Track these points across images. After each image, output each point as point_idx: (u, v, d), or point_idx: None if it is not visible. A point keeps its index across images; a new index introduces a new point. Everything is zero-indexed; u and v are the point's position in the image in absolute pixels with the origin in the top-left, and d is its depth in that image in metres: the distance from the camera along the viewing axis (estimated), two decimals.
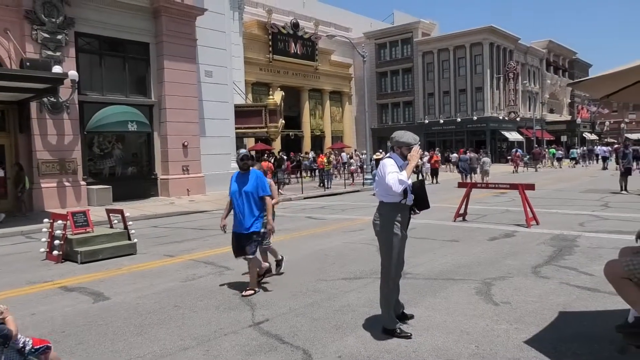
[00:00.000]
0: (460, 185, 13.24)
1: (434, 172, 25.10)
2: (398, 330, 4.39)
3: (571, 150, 44.99)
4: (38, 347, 3.49)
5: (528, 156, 36.26)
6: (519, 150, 37.97)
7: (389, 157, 4.51)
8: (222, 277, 6.84)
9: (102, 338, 4.64)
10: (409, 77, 52.40)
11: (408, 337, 4.32)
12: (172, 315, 5.25)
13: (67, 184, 16.29)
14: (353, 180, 24.99)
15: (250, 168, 6.02)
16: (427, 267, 6.87)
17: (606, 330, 4.19)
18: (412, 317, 4.75)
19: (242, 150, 6.11)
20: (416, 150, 4.43)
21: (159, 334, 4.67)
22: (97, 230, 8.94)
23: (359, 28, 51.50)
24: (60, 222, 8.60)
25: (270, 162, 20.95)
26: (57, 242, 8.40)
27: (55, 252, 8.35)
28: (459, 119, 48.49)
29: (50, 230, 8.64)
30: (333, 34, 33.22)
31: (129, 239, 8.94)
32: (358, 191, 21.69)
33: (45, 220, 8.97)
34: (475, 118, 47.73)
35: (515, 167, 33.91)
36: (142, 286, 6.52)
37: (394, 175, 4.21)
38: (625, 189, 16.59)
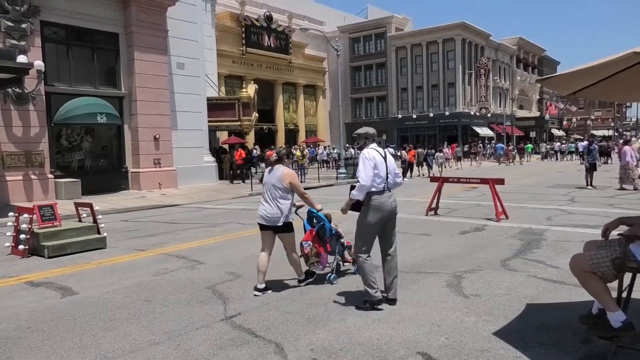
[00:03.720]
0: (433, 179, 13.40)
1: (410, 167, 25.18)
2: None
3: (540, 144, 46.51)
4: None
5: (515, 151, 38.51)
6: (499, 145, 39.42)
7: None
8: (194, 271, 6.78)
9: (69, 333, 4.54)
10: (383, 72, 52.74)
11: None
12: (142, 310, 5.17)
13: (33, 177, 15.85)
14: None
15: None
16: (399, 260, 6.87)
17: (571, 321, 4.31)
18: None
19: None
20: None
21: (129, 329, 4.61)
22: (65, 224, 8.74)
23: (333, 22, 51.53)
24: (26, 215, 8.36)
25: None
26: (22, 236, 8.17)
27: (21, 247, 8.13)
28: (431, 114, 49.07)
29: (15, 224, 8.39)
30: (307, 27, 33.10)
31: (99, 232, 8.77)
32: (332, 185, 21.75)
33: (10, 214, 8.70)
34: (447, 113, 48.38)
35: (507, 161, 35.96)
36: (112, 280, 6.41)
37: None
38: (591, 184, 17.07)
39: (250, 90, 25.87)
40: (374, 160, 4.86)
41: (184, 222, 11.85)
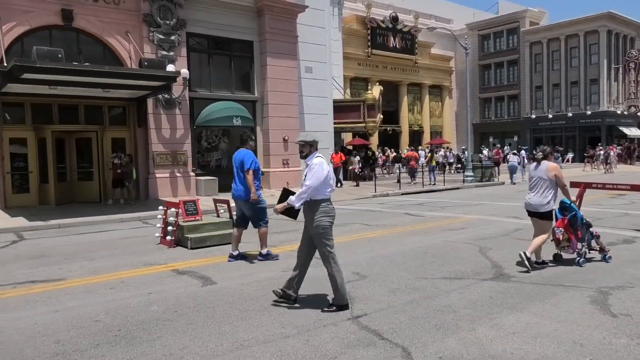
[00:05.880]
0: (573, 185, 12.29)
1: None
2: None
3: None
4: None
5: None
6: None
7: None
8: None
9: (209, 320, 4.92)
10: (515, 70, 49.73)
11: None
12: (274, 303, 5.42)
13: (178, 174, 17.46)
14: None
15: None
16: (535, 271, 6.48)
17: None
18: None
19: None
20: None
21: (262, 320, 4.86)
22: (205, 219, 9.46)
23: (461, 19, 49.74)
24: (172, 209, 9.23)
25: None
26: (170, 228, 9.02)
27: (168, 238, 8.98)
28: (570, 114, 45.18)
29: (164, 217, 9.29)
30: (434, 26, 32.34)
31: None
32: (458, 188, 21.02)
33: (160, 207, 9.67)
34: (589, 113, 44.21)
35: None
36: (246, 273, 6.82)
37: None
38: None
39: (375, 91, 25.95)
40: (328, 171, 5.17)
41: None
